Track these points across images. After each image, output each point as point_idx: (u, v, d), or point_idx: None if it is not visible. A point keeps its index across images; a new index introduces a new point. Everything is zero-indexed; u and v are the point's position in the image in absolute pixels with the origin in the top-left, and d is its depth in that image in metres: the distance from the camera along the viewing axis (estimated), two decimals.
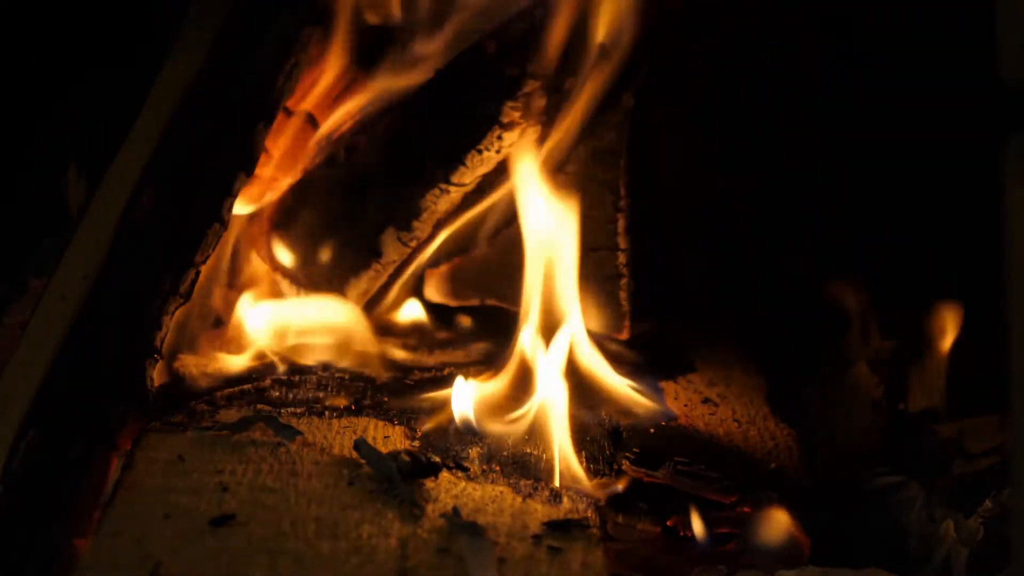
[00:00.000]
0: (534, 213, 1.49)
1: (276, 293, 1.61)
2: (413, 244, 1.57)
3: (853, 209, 1.62)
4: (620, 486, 1.32)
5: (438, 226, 1.58)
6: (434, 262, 1.65)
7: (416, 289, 1.67)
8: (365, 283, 1.58)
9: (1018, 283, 1.01)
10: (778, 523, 1.29)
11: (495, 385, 1.43)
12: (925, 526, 1.32)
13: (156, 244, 1.39)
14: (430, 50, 1.56)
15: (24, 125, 1.61)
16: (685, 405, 1.50)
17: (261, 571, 1.10)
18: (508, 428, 1.38)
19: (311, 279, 1.59)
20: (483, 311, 1.67)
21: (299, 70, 1.46)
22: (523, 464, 1.34)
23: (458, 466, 1.31)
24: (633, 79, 1.55)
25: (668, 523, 1.30)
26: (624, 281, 1.61)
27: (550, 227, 1.48)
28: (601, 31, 1.51)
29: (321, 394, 1.47)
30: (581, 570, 1.15)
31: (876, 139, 1.59)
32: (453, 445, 1.36)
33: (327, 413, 1.42)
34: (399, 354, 1.57)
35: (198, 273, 1.40)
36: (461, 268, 1.66)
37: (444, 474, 1.28)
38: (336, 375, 1.52)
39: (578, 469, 1.33)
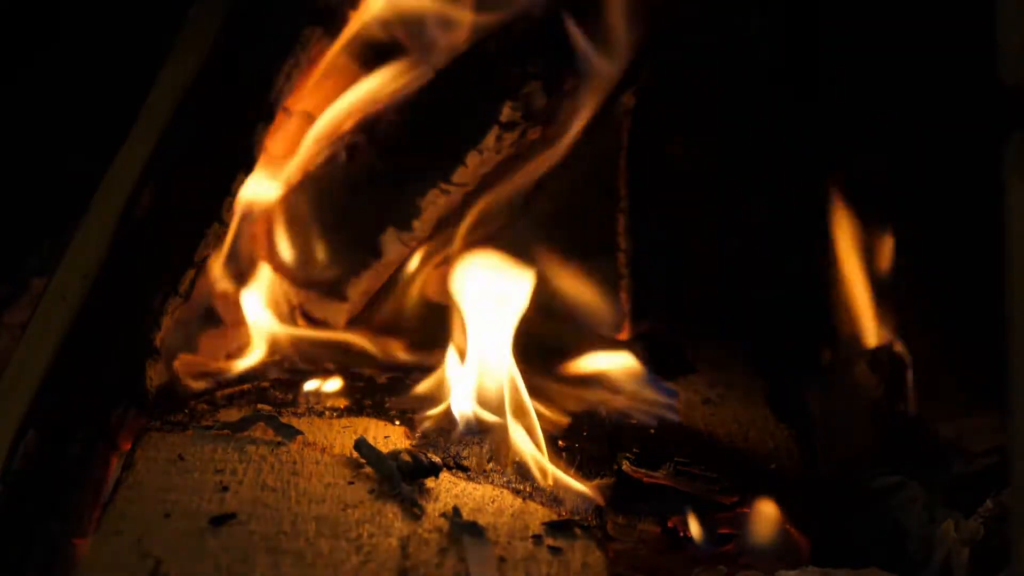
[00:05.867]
0: None
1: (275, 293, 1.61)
2: (413, 244, 1.57)
3: (853, 208, 1.62)
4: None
5: (439, 226, 1.58)
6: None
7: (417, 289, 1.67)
8: (365, 283, 1.58)
9: (1018, 283, 1.01)
10: (777, 524, 1.29)
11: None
12: (925, 526, 1.31)
13: (156, 243, 1.39)
14: (432, 50, 1.56)
15: (24, 125, 1.61)
16: (685, 405, 1.50)
17: (262, 570, 1.11)
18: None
19: (311, 278, 1.59)
20: None
21: (299, 70, 1.46)
22: (523, 464, 1.34)
23: (458, 466, 1.31)
24: (633, 79, 1.55)
25: (668, 523, 1.30)
26: (624, 281, 1.61)
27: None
28: (602, 31, 1.51)
29: (321, 394, 1.48)
30: (582, 570, 1.15)
31: (877, 139, 1.59)
32: (453, 445, 1.36)
33: (327, 413, 1.42)
34: (399, 354, 1.57)
35: (198, 273, 1.41)
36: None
37: (444, 474, 1.29)
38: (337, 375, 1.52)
39: (559, 472, 1.32)
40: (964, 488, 1.36)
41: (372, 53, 1.56)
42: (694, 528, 1.27)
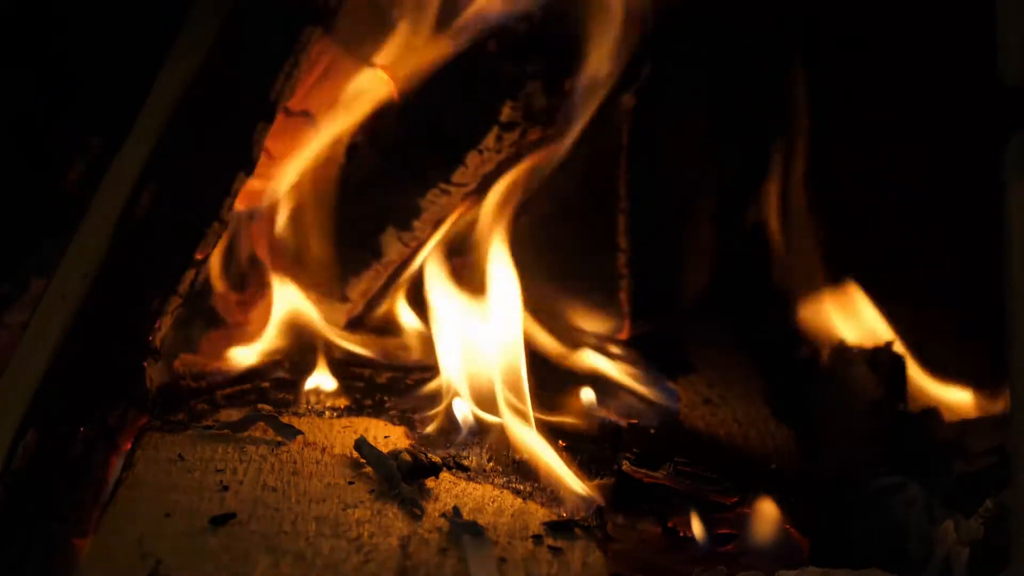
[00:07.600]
0: None
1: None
2: (413, 244, 1.57)
3: (854, 208, 1.62)
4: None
5: (438, 226, 1.58)
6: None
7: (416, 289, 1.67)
8: (365, 283, 1.58)
9: (1018, 283, 1.01)
10: (777, 524, 1.29)
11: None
12: (925, 526, 1.31)
13: (155, 244, 1.39)
14: (433, 49, 1.56)
15: (24, 125, 1.61)
16: (685, 405, 1.50)
17: (262, 570, 1.10)
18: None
19: (311, 278, 1.59)
20: None
21: (299, 70, 1.46)
22: (523, 464, 1.34)
23: (458, 466, 1.31)
24: (633, 79, 1.55)
25: (668, 524, 1.30)
26: (624, 281, 1.61)
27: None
28: (602, 31, 1.51)
29: (321, 394, 1.48)
30: (582, 570, 1.15)
31: (877, 139, 1.60)
32: (453, 445, 1.36)
33: (327, 413, 1.43)
34: (399, 354, 1.57)
35: (198, 273, 1.40)
36: (460, 268, 1.66)
37: (444, 474, 1.29)
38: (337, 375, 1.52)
39: (565, 471, 1.32)
40: (964, 488, 1.36)
41: (373, 52, 1.57)
42: (696, 528, 1.27)
